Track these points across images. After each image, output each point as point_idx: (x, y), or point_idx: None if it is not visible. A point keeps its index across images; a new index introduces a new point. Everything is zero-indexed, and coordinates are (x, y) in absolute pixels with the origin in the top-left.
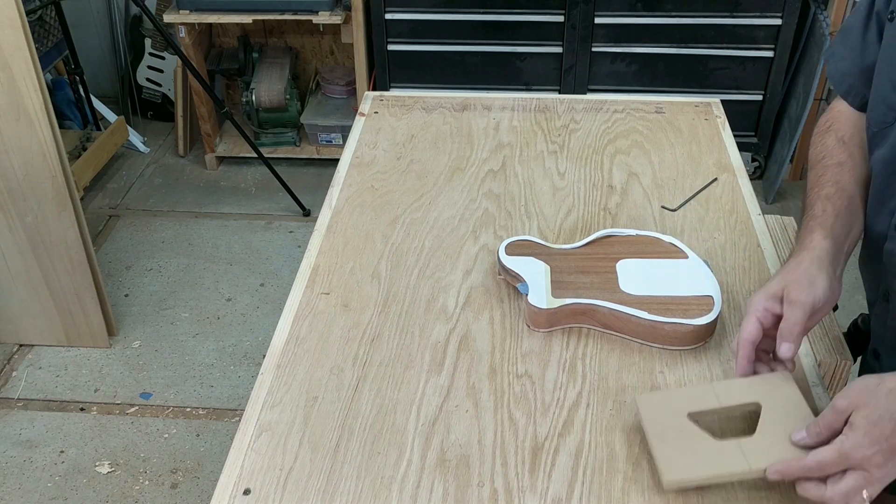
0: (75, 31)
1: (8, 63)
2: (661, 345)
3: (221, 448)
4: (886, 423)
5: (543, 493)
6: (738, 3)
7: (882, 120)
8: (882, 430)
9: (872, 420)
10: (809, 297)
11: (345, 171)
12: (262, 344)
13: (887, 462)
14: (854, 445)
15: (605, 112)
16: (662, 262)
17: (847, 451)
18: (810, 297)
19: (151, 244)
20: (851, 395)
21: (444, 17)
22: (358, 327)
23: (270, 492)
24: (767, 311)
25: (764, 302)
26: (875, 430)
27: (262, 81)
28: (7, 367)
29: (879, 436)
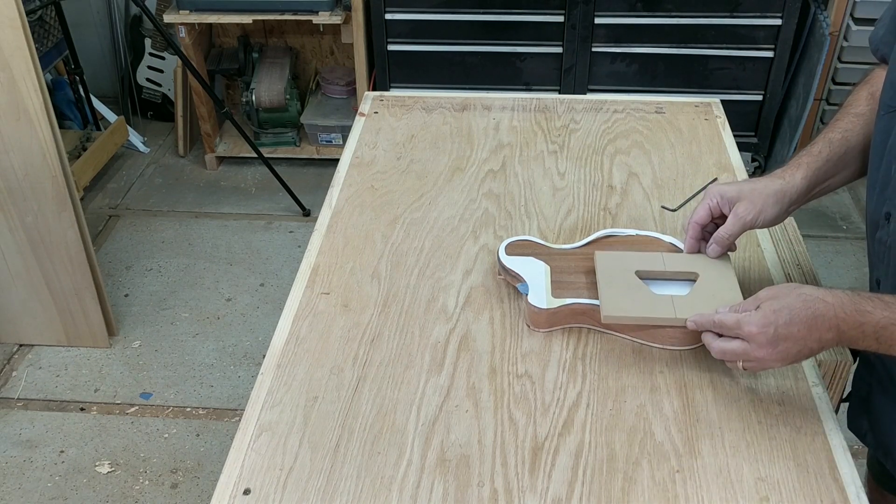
0: (75, 31)
1: (8, 63)
2: (660, 345)
3: (221, 448)
4: (783, 314)
5: (543, 492)
6: (738, 4)
7: (889, 104)
8: (777, 318)
9: (774, 308)
10: (751, 218)
11: (345, 171)
12: (262, 344)
13: (768, 346)
14: (749, 321)
15: (605, 112)
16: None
17: (742, 321)
18: (751, 219)
19: (151, 244)
20: (773, 290)
21: (444, 17)
22: (358, 327)
23: (270, 492)
24: (718, 205)
25: (718, 198)
26: (771, 316)
27: (262, 81)
28: (7, 367)
29: (772, 321)
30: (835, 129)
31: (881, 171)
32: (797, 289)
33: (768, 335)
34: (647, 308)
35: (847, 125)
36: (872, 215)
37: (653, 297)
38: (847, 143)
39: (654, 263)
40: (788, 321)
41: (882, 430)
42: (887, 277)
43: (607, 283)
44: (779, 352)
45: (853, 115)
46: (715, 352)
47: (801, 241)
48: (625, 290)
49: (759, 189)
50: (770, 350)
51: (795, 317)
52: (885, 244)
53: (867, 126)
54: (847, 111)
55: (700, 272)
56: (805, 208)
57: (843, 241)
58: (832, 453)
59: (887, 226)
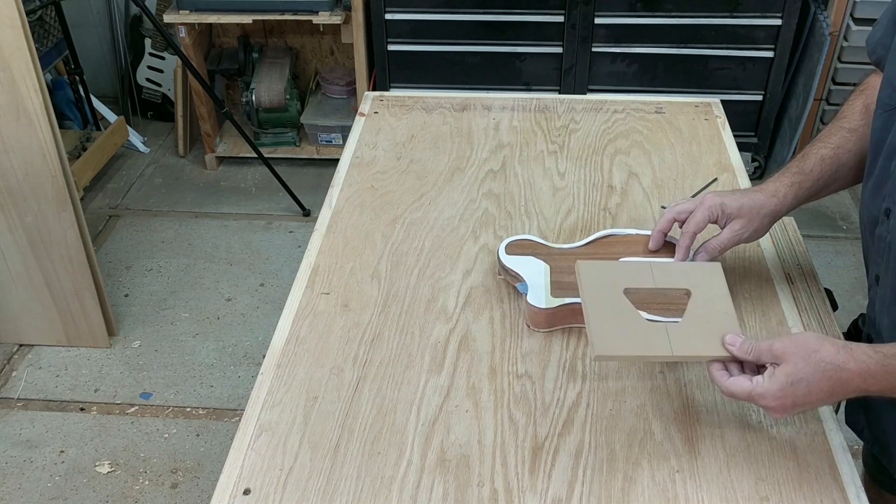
0: (75, 31)
1: (8, 63)
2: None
3: (221, 448)
4: (801, 387)
5: (543, 493)
6: (738, 4)
7: (887, 102)
8: (794, 391)
9: (791, 380)
10: (746, 236)
11: (345, 171)
12: (262, 344)
13: (785, 411)
14: (763, 392)
15: (605, 112)
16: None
17: (756, 395)
18: (746, 236)
19: (151, 244)
20: (790, 347)
21: (444, 17)
22: (358, 327)
23: (270, 492)
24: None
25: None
26: (788, 389)
27: (262, 81)
28: (7, 367)
29: (789, 394)
30: (827, 145)
31: (879, 168)
32: (814, 354)
33: (785, 407)
34: (641, 344)
35: (840, 141)
36: (870, 212)
37: (646, 329)
38: (838, 160)
39: (643, 279)
40: (807, 393)
41: (879, 427)
42: (886, 274)
43: (595, 310)
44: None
45: (847, 131)
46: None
47: (801, 241)
48: (616, 320)
49: (756, 208)
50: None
51: (814, 389)
52: (884, 240)
53: (859, 142)
54: (841, 125)
55: (692, 288)
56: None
57: (843, 240)
58: (832, 453)
59: (887, 222)
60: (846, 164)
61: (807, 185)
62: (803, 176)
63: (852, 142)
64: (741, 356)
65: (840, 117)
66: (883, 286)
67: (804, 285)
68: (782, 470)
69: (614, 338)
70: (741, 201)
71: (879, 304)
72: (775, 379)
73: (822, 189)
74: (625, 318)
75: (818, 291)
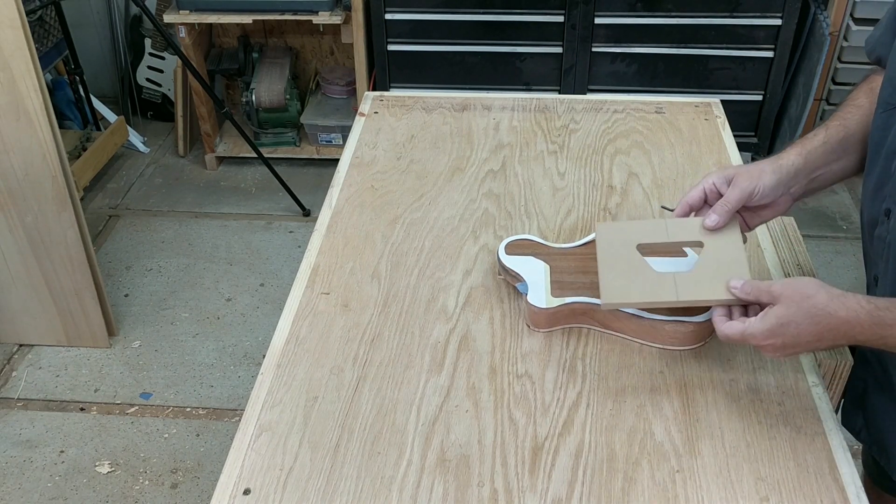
0: (75, 31)
1: (8, 63)
2: (661, 345)
3: (221, 448)
4: (790, 328)
5: (543, 493)
6: (738, 4)
7: (888, 101)
8: (783, 332)
9: (781, 321)
10: (750, 185)
11: (345, 171)
12: (262, 344)
13: (776, 351)
14: (754, 332)
15: (605, 112)
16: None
17: (747, 335)
18: (751, 186)
19: (151, 244)
20: (786, 290)
21: (444, 17)
22: (358, 327)
23: (270, 492)
24: (715, 186)
25: (715, 178)
26: (777, 329)
27: (262, 81)
28: (7, 367)
29: (778, 335)
30: (833, 118)
31: (879, 168)
32: (808, 300)
33: (776, 346)
34: (648, 292)
35: (845, 114)
36: (870, 212)
37: (654, 279)
38: (846, 129)
39: (657, 233)
40: (796, 335)
41: (877, 427)
42: (886, 275)
43: (607, 263)
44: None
45: (852, 106)
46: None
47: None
48: (625, 270)
49: (756, 167)
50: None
51: (803, 332)
52: (884, 241)
53: (866, 117)
54: (847, 103)
55: (706, 240)
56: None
57: (843, 240)
58: (832, 453)
59: (887, 222)
60: (854, 133)
61: (811, 145)
62: (806, 140)
63: (858, 115)
64: (742, 296)
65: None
66: (882, 287)
67: None
68: (782, 470)
69: (622, 287)
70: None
71: None
72: (766, 319)
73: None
74: (634, 269)
75: None
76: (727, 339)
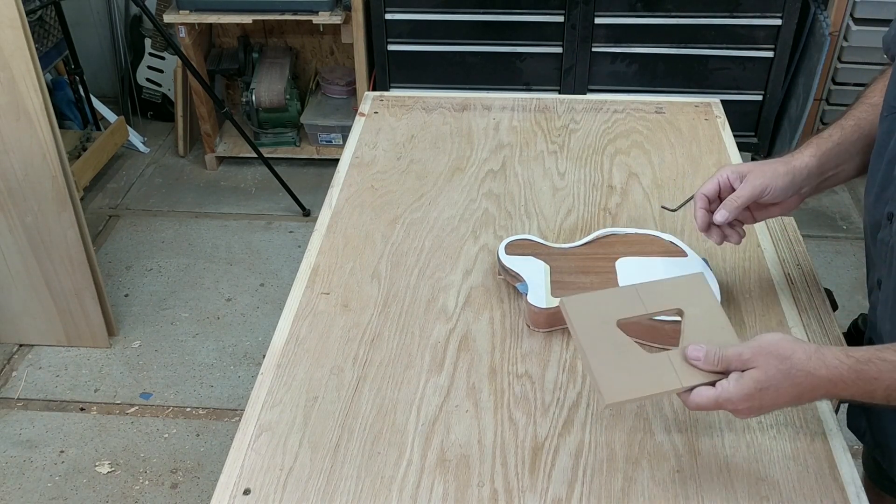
0: (75, 31)
1: (8, 63)
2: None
3: (221, 448)
4: (769, 393)
5: (543, 492)
6: (738, 4)
7: (893, 104)
8: (762, 396)
9: (760, 386)
10: (762, 184)
11: (345, 171)
12: (262, 344)
13: (752, 412)
14: (729, 398)
15: (605, 112)
16: (662, 261)
17: (722, 400)
18: (762, 185)
19: (151, 244)
20: (760, 354)
21: (444, 17)
22: (358, 327)
23: (270, 492)
24: (728, 180)
25: (729, 172)
26: (756, 394)
27: (262, 81)
28: (7, 367)
29: (756, 398)
30: (848, 117)
31: (882, 172)
32: (786, 361)
33: (752, 409)
34: (650, 382)
35: (861, 113)
36: (873, 216)
37: (650, 363)
38: (860, 129)
39: (634, 306)
40: (775, 398)
41: (881, 430)
42: (889, 278)
43: (594, 351)
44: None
45: (868, 105)
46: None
47: (801, 241)
48: (617, 358)
49: (770, 165)
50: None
51: (782, 394)
52: (887, 244)
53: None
54: (862, 101)
55: (683, 307)
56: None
57: (843, 240)
58: (832, 453)
59: (889, 226)
60: (869, 134)
61: (825, 146)
62: (821, 140)
63: (874, 115)
64: (709, 368)
65: (862, 96)
66: (885, 290)
67: (804, 285)
68: (782, 470)
69: (622, 380)
70: (752, 164)
71: (881, 309)
72: (743, 383)
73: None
74: (625, 355)
75: (818, 291)
76: (698, 407)
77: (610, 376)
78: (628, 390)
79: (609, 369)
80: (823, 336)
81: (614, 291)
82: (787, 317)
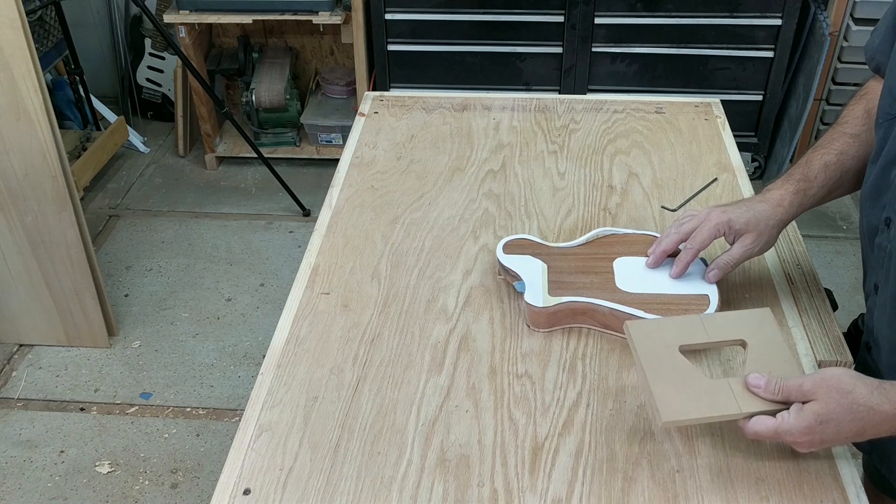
0: (75, 31)
1: (8, 63)
2: None
3: (221, 448)
4: (830, 426)
5: (543, 492)
6: (738, 4)
7: (887, 112)
8: (823, 430)
9: (821, 419)
10: (756, 249)
11: (345, 171)
12: (262, 344)
13: (812, 446)
14: (790, 430)
15: (605, 112)
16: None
17: (782, 431)
18: (756, 249)
19: (151, 244)
20: (821, 387)
21: (444, 17)
22: (358, 327)
23: (270, 492)
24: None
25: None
26: (816, 427)
27: (262, 81)
28: (7, 367)
29: (816, 431)
30: (831, 151)
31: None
32: (848, 395)
33: (812, 443)
34: (708, 405)
35: (842, 147)
36: (870, 221)
37: (710, 388)
38: (842, 167)
39: (696, 333)
40: (836, 432)
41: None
42: (886, 283)
43: (655, 373)
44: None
45: (849, 136)
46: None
47: (801, 241)
48: (677, 381)
49: (763, 220)
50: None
51: (844, 429)
52: (884, 250)
53: (862, 147)
54: (843, 130)
55: (746, 338)
56: None
57: (843, 240)
58: (832, 453)
59: (887, 231)
60: (850, 169)
61: (811, 192)
62: (807, 183)
63: (855, 147)
64: (769, 397)
65: (841, 122)
66: (882, 295)
67: (804, 285)
68: (782, 470)
69: (680, 401)
70: (747, 216)
71: (878, 314)
72: (803, 416)
73: (826, 196)
74: (685, 378)
75: (818, 291)
76: (757, 435)
77: (669, 397)
78: (686, 411)
79: (668, 390)
80: (823, 336)
81: (678, 319)
82: (787, 317)
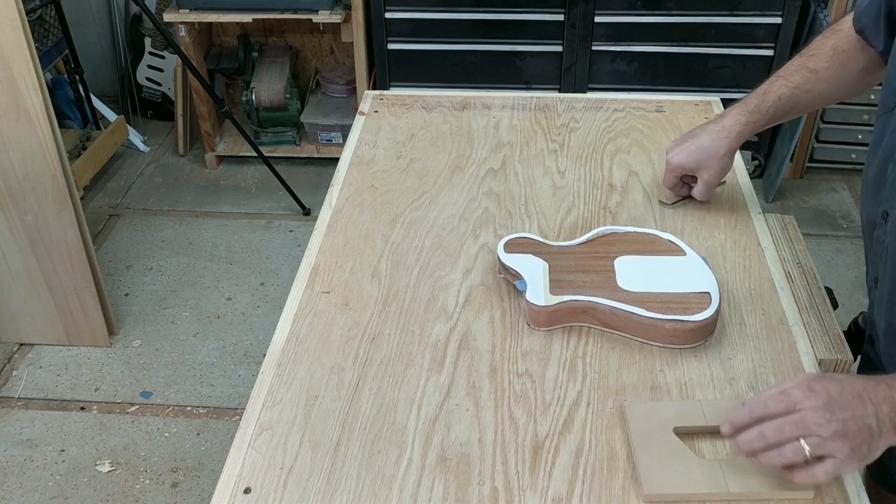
0: (75, 30)
1: (8, 63)
2: (661, 343)
3: (222, 447)
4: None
5: (544, 491)
6: (738, 2)
7: (885, 104)
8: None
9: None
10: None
11: (345, 170)
12: (263, 343)
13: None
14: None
15: (606, 111)
16: (661, 260)
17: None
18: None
19: (151, 243)
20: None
21: (444, 15)
22: (358, 326)
23: (271, 491)
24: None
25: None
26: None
27: (262, 80)
28: (7, 367)
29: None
30: (789, 83)
31: (877, 170)
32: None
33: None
34: (693, 482)
35: (800, 80)
36: (869, 214)
37: (699, 467)
38: (795, 99)
39: (694, 416)
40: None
41: None
42: (885, 276)
43: (643, 448)
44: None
45: (809, 71)
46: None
47: (801, 239)
48: (665, 456)
49: (712, 153)
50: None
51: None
52: (882, 243)
53: (819, 83)
54: (805, 63)
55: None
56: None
57: (843, 239)
58: None
59: (884, 225)
60: (802, 104)
61: (761, 123)
62: (759, 115)
63: (811, 82)
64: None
65: (807, 53)
66: (881, 288)
67: (804, 284)
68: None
69: (664, 475)
70: (696, 155)
71: (877, 307)
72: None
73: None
74: (675, 456)
75: (818, 290)
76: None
77: (654, 471)
78: (669, 485)
79: (654, 464)
80: (823, 334)
81: (678, 404)
82: (787, 315)
